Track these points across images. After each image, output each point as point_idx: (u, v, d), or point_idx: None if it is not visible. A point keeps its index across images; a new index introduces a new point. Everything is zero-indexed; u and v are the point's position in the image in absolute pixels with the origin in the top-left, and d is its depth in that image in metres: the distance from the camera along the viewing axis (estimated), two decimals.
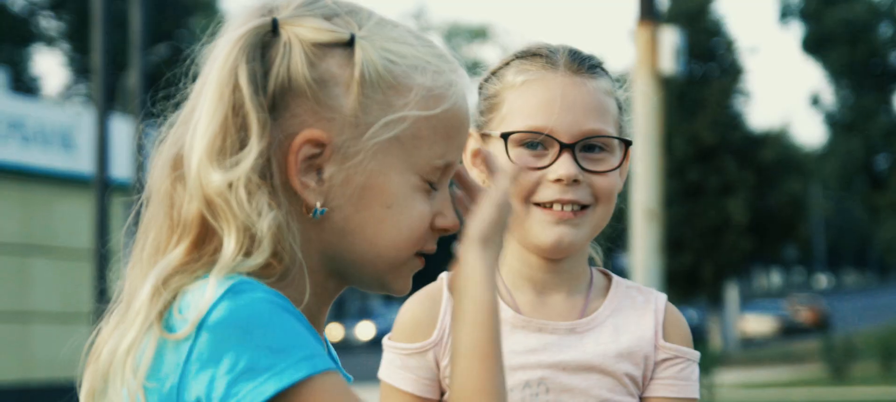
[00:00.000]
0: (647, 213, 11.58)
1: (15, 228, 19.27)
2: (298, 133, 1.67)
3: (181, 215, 1.68)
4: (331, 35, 1.70)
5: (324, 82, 1.68)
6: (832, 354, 30.98)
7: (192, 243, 1.67)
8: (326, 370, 1.57)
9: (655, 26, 11.83)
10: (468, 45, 64.31)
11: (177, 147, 1.71)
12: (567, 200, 2.30)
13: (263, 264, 1.64)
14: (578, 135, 2.30)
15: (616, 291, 2.40)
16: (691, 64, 37.04)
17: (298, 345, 1.57)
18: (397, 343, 2.35)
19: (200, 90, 1.71)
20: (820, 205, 68.89)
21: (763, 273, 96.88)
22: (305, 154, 1.67)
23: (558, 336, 2.33)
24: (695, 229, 37.83)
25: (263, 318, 1.57)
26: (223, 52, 1.68)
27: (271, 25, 1.69)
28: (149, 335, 1.62)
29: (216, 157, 1.64)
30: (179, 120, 1.74)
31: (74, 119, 20.61)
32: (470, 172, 2.37)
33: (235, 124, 1.65)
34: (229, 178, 1.63)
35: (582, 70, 2.33)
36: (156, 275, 1.64)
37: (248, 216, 1.63)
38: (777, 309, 59.78)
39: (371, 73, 1.69)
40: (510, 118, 2.33)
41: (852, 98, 43.49)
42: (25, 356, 19.22)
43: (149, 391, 1.60)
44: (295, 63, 1.67)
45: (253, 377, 1.54)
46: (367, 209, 1.70)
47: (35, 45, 44.70)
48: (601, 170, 2.31)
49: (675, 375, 2.35)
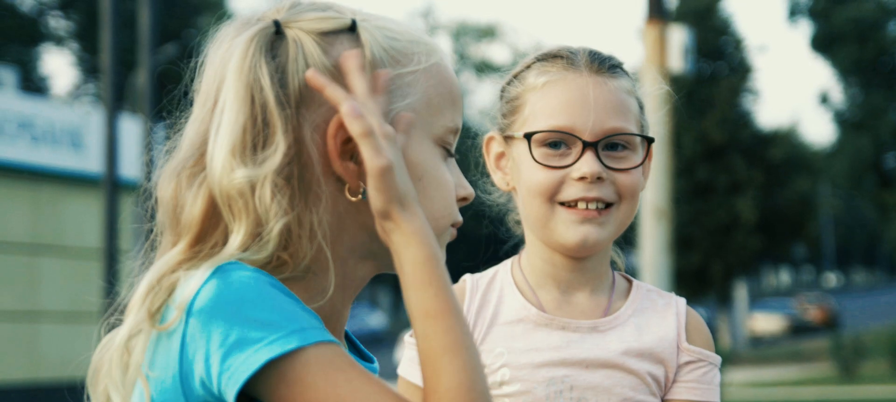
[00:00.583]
0: (656, 211, 11.57)
1: (24, 227, 19.30)
2: (330, 120, 1.69)
3: (184, 217, 1.70)
4: (334, 22, 1.74)
5: (340, 67, 1.71)
6: (841, 352, 30.95)
7: (192, 240, 1.69)
8: (320, 342, 1.57)
9: (664, 25, 11.83)
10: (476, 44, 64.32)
11: (183, 157, 1.73)
12: (592, 197, 2.31)
13: (265, 260, 1.66)
14: (601, 133, 2.31)
15: (637, 293, 2.41)
16: (700, 63, 37.02)
17: (289, 318, 1.58)
18: None
19: (208, 94, 1.73)
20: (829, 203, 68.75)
21: (772, 272, 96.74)
22: (342, 138, 1.70)
23: (581, 335, 2.34)
24: (703, 227, 37.81)
25: (252, 293, 1.58)
26: (237, 53, 1.70)
27: (274, 26, 1.72)
28: (143, 331, 1.64)
29: (239, 154, 1.66)
30: (187, 129, 1.76)
31: (83, 119, 20.64)
32: (494, 174, 2.41)
33: (260, 123, 1.67)
34: (255, 175, 1.65)
35: (603, 70, 2.35)
36: (153, 272, 1.67)
37: (266, 216, 1.65)
38: (786, 308, 59.68)
39: (378, 51, 1.74)
40: (533, 119, 2.35)
41: (861, 96, 43.40)
42: (34, 355, 19.25)
43: (152, 382, 1.62)
44: (311, 54, 1.71)
45: (244, 347, 1.55)
46: None
47: (44, 44, 44.76)
48: (625, 167, 2.33)
49: (699, 379, 2.37)
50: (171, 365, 1.60)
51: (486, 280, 2.42)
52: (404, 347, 2.41)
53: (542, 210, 2.33)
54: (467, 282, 2.41)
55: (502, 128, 2.41)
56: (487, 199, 2.50)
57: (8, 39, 40.64)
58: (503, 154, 2.42)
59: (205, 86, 1.75)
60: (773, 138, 40.44)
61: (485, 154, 2.46)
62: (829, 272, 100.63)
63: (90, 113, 21.32)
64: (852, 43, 41.72)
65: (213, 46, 1.76)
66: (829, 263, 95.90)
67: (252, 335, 1.55)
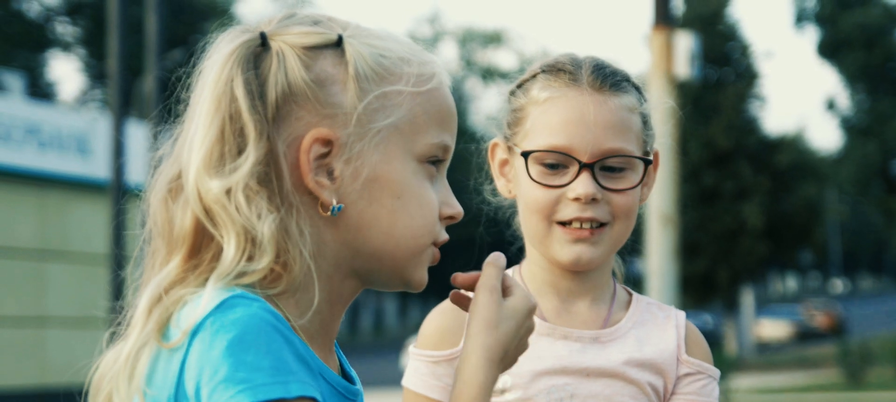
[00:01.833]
0: (663, 218, 11.56)
1: (31, 233, 19.32)
2: (305, 134, 1.70)
3: (175, 229, 1.71)
4: (319, 37, 1.74)
5: (321, 82, 1.72)
6: (848, 359, 30.89)
7: (186, 254, 1.70)
8: (301, 397, 1.58)
9: (670, 31, 11.82)
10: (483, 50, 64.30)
11: (171, 169, 1.74)
12: (586, 217, 2.32)
13: (266, 269, 1.67)
14: (598, 154, 2.32)
15: (637, 305, 2.43)
16: (706, 69, 36.99)
17: (278, 367, 1.58)
18: (425, 351, 2.37)
19: (194, 108, 1.74)
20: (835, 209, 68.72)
21: (778, 278, 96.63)
22: (315, 153, 1.70)
23: (582, 344, 2.36)
24: (710, 233, 37.77)
25: (251, 334, 1.58)
26: (216, 66, 1.71)
27: (260, 38, 1.73)
28: (147, 347, 1.65)
29: (214, 166, 1.67)
30: (173, 142, 1.77)
31: (90, 124, 20.67)
32: (498, 181, 2.42)
33: (233, 134, 1.68)
34: (227, 184, 1.66)
35: (605, 87, 2.35)
36: (152, 287, 1.68)
37: (248, 220, 1.65)
38: (793, 314, 59.59)
39: (363, 67, 1.74)
40: (533, 134, 2.36)
41: (868, 102, 43.39)
42: (41, 360, 19.27)
43: (148, 399, 1.63)
44: (291, 68, 1.71)
45: (229, 386, 1.56)
46: (378, 201, 1.74)
47: (51, 50, 44.82)
48: (621, 188, 2.34)
49: (698, 391, 2.37)
50: (168, 385, 1.62)
51: None
52: (409, 357, 2.41)
53: (540, 227, 2.35)
54: None
55: (506, 137, 2.42)
56: (494, 201, 2.50)
57: (15, 45, 40.69)
58: (507, 161, 2.43)
59: (193, 97, 1.76)
60: (780, 144, 40.39)
61: (489, 160, 2.47)
62: (835, 278, 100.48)
63: (97, 119, 21.35)
64: (859, 49, 41.70)
65: (206, 56, 1.77)
66: (835, 269, 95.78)
67: (239, 374, 1.56)
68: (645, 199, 2.42)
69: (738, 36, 41.37)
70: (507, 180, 2.43)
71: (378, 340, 57.71)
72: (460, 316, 2.34)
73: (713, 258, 37.95)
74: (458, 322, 2.34)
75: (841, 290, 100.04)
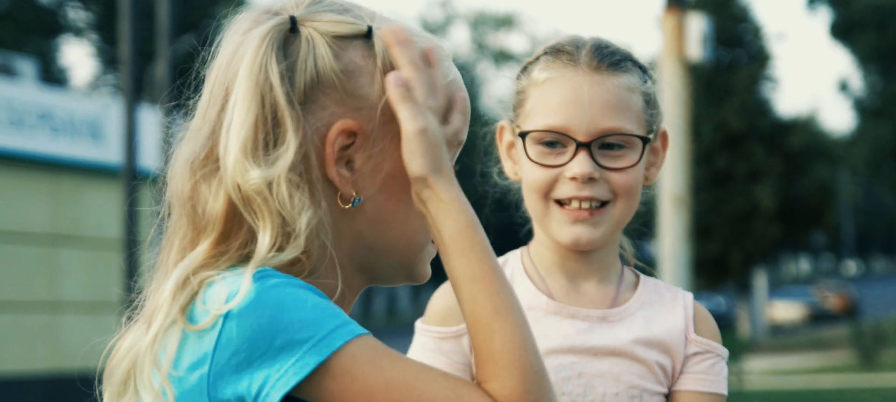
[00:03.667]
0: (675, 200, 11.55)
1: (44, 218, 19.37)
2: (332, 125, 1.69)
3: (206, 213, 1.69)
4: (350, 27, 1.73)
5: (350, 73, 1.71)
6: (861, 340, 30.88)
7: (216, 239, 1.68)
8: (361, 335, 1.59)
9: (682, 13, 11.80)
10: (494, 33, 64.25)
11: (195, 149, 1.72)
12: (584, 196, 2.33)
13: (296, 256, 1.66)
14: (596, 133, 2.33)
15: (645, 286, 2.44)
16: (718, 51, 36.90)
17: (329, 316, 1.58)
18: (432, 327, 2.38)
19: (217, 87, 1.72)
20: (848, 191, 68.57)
21: (791, 260, 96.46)
22: (340, 144, 1.70)
23: (590, 323, 2.37)
24: (723, 216, 37.73)
25: (290, 297, 1.58)
26: (251, 50, 1.69)
27: (290, 22, 1.71)
28: (172, 330, 1.63)
29: (251, 154, 1.65)
30: (195, 121, 1.75)
31: (103, 110, 20.69)
32: (505, 163, 2.44)
33: (269, 121, 1.66)
34: (270, 175, 1.65)
35: (602, 67, 2.36)
36: (180, 271, 1.66)
37: (289, 213, 1.65)
38: (805, 296, 59.54)
39: (390, 61, 1.72)
40: (533, 115, 2.38)
41: (881, 83, 43.24)
42: (54, 345, 19.33)
43: (173, 382, 1.61)
44: (321, 56, 1.70)
45: (292, 352, 1.55)
46: (396, 196, 1.73)
47: (63, 36, 44.88)
48: (620, 166, 2.34)
49: (706, 370, 2.38)
50: (199, 366, 1.59)
51: None
52: (417, 334, 2.42)
53: (539, 206, 2.37)
54: None
55: (511, 119, 2.44)
56: (502, 184, 2.52)
57: (27, 31, 40.76)
58: (513, 144, 2.45)
59: (215, 76, 1.74)
60: (793, 126, 40.32)
61: (497, 142, 2.48)
62: (848, 260, 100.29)
63: (109, 104, 21.37)
64: (872, 30, 41.55)
65: (226, 36, 1.75)
66: (848, 251, 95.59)
67: (298, 336, 1.56)
68: (652, 179, 2.44)
69: (750, 17, 41.28)
70: (514, 162, 2.44)
71: (391, 323, 57.76)
72: None
73: (726, 241, 37.91)
74: None
75: (854, 272, 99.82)
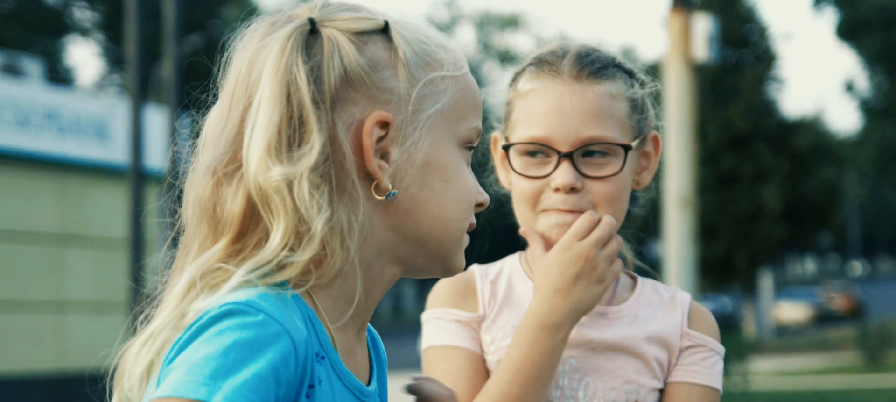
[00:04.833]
0: (681, 201, 11.54)
1: (50, 218, 19.39)
2: (365, 118, 1.72)
3: (224, 212, 1.70)
4: (368, 23, 1.76)
5: (375, 67, 1.74)
6: (867, 341, 30.82)
7: (233, 238, 1.69)
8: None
9: (688, 13, 11.79)
10: (499, 33, 64.23)
11: (217, 155, 1.72)
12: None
13: (306, 262, 1.66)
14: (577, 142, 2.36)
15: (643, 287, 2.48)
16: (724, 51, 36.88)
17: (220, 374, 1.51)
18: (446, 309, 2.41)
19: (240, 96, 1.73)
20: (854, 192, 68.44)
21: (797, 261, 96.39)
22: (376, 136, 1.72)
23: (589, 319, 2.40)
24: (728, 216, 37.68)
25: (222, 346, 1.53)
26: (274, 51, 1.71)
27: (310, 25, 1.73)
28: (171, 329, 1.63)
29: (275, 152, 1.67)
30: (213, 130, 1.75)
31: (109, 109, 20.71)
32: (499, 172, 2.47)
33: (294, 120, 1.68)
34: (292, 173, 1.66)
35: (583, 76, 2.38)
36: (194, 268, 1.67)
37: (307, 212, 1.66)
38: (811, 297, 59.48)
39: (410, 53, 1.76)
40: (518, 127, 2.42)
41: (887, 84, 43.17)
42: (61, 345, 19.36)
43: None
44: (346, 53, 1.72)
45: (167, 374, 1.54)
46: (429, 186, 1.76)
47: (69, 35, 44.95)
48: (602, 175, 2.37)
49: (699, 362, 2.40)
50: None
51: (496, 270, 2.49)
52: (426, 322, 2.44)
53: (527, 216, 2.41)
54: (476, 270, 2.47)
55: (501, 131, 2.48)
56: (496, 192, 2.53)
57: (33, 31, 40.81)
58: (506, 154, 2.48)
59: (233, 83, 1.75)
60: (799, 127, 40.25)
61: (492, 152, 2.52)
62: (854, 261, 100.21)
63: (115, 104, 21.39)
64: (878, 30, 41.47)
65: (241, 43, 1.77)
66: (854, 251, 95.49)
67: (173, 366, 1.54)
68: (644, 183, 2.48)
69: (756, 18, 41.23)
70: (507, 172, 2.47)
71: (396, 323, 57.77)
72: (469, 287, 2.43)
73: (732, 241, 37.86)
74: (469, 290, 2.42)
75: (860, 272, 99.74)
